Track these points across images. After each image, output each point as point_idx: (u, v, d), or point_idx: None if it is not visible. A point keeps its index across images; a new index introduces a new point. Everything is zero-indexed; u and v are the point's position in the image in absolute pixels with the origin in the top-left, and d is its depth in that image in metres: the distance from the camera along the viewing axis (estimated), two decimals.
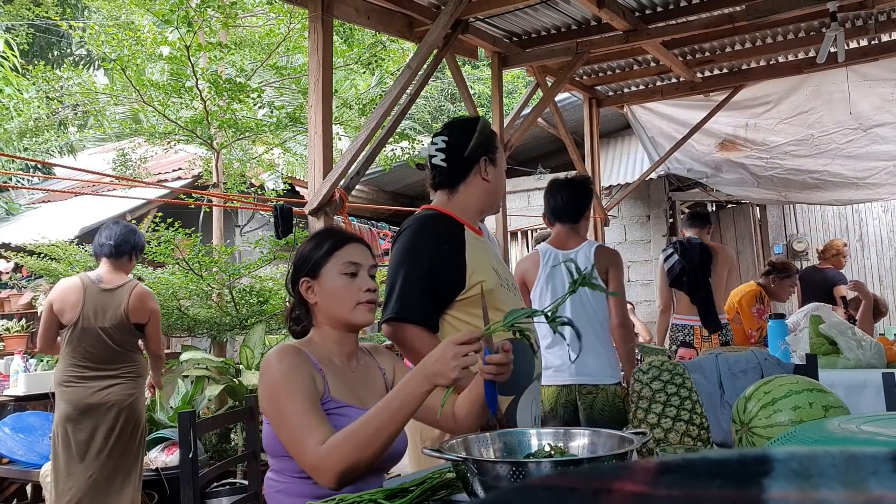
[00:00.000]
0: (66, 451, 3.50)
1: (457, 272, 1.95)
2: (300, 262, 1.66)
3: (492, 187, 2.10)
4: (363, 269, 1.64)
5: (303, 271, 1.64)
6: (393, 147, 7.04)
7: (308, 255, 1.65)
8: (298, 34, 6.58)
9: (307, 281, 1.63)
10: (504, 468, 1.13)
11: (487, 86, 10.36)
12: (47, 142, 9.01)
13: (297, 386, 1.46)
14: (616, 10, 4.28)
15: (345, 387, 1.58)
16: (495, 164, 2.10)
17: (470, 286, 1.95)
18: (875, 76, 5.43)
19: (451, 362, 1.32)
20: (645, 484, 0.34)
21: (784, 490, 0.32)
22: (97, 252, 3.73)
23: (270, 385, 1.49)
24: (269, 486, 1.56)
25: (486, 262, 2.01)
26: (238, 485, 4.07)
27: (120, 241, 3.68)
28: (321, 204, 3.50)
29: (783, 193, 6.83)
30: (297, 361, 1.51)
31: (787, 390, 1.40)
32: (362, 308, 1.61)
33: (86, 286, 3.60)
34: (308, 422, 1.42)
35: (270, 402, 1.48)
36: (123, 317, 3.58)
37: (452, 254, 1.97)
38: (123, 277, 3.68)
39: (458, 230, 2.02)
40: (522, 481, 0.90)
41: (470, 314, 1.96)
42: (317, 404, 1.47)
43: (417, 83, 3.89)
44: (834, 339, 3.33)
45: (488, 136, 2.10)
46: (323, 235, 1.70)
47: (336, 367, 1.61)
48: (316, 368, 1.54)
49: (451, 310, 1.97)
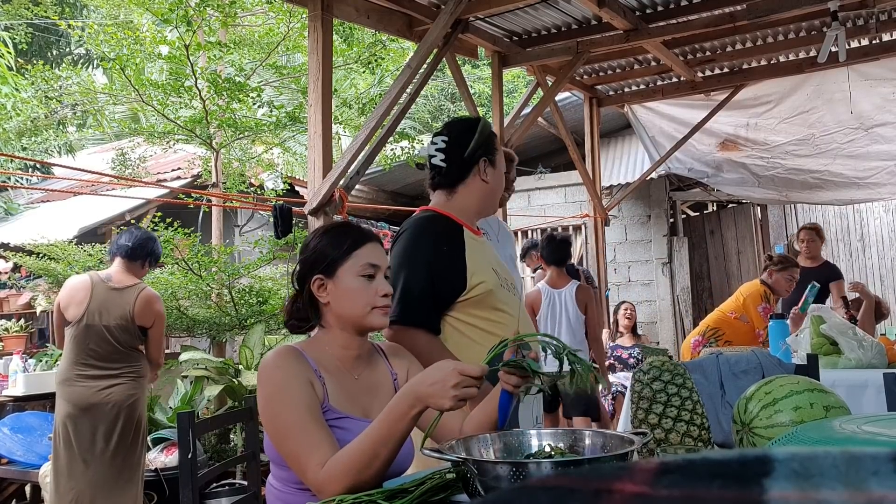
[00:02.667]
0: (67, 450, 3.50)
1: (457, 273, 1.95)
2: (314, 258, 1.55)
3: (490, 189, 2.09)
4: (380, 272, 1.56)
5: (317, 268, 1.54)
6: (393, 147, 7.05)
7: (324, 252, 1.54)
8: (298, 33, 6.58)
9: (321, 279, 1.53)
10: (504, 469, 1.13)
11: (487, 85, 10.36)
12: (46, 141, 9.01)
13: (296, 397, 1.40)
14: (616, 10, 4.28)
15: (346, 395, 1.50)
16: (495, 166, 2.09)
17: (471, 287, 1.94)
18: (876, 76, 5.44)
19: (451, 391, 1.26)
20: (645, 484, 0.34)
21: (785, 490, 0.31)
22: (113, 251, 3.76)
23: (268, 396, 1.42)
24: (270, 493, 1.52)
25: (486, 263, 2.01)
26: (237, 485, 4.07)
27: (137, 245, 3.71)
28: (321, 204, 3.50)
29: (784, 193, 6.83)
30: (294, 367, 1.44)
31: (788, 390, 1.40)
32: (378, 312, 1.53)
33: (94, 284, 3.61)
34: (308, 440, 1.36)
35: (269, 414, 1.42)
36: (129, 317, 3.59)
37: (452, 255, 1.96)
38: (133, 279, 3.69)
39: (458, 231, 2.02)
40: (523, 482, 0.90)
41: (471, 315, 1.96)
42: (317, 416, 1.40)
43: (417, 83, 3.88)
44: (835, 339, 3.32)
45: (488, 137, 2.09)
46: (341, 231, 1.59)
47: (338, 374, 1.53)
48: (315, 374, 1.47)
49: (452, 311, 1.96)
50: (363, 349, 1.59)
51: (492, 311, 1.96)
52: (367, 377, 1.58)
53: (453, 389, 1.26)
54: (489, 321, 1.95)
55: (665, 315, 7.77)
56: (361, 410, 1.50)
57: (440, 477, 1.34)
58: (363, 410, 1.51)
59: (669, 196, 7.98)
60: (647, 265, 7.88)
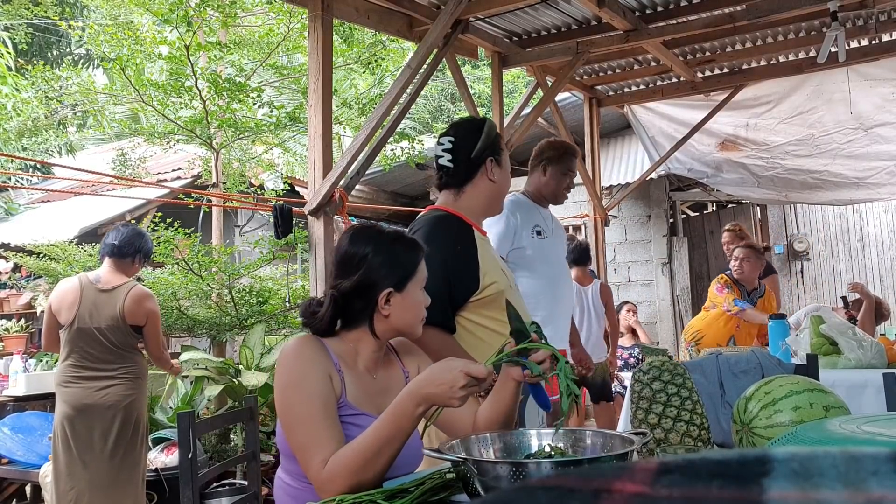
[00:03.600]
0: (66, 451, 3.50)
1: (470, 273, 1.96)
2: (390, 270, 1.50)
3: (497, 188, 2.11)
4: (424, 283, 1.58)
5: (391, 281, 1.50)
6: (393, 147, 7.04)
7: (397, 265, 1.51)
8: (298, 34, 6.58)
9: (392, 293, 1.50)
10: (504, 469, 1.13)
11: (487, 86, 10.35)
12: (46, 141, 9.01)
13: (312, 388, 1.39)
14: (616, 10, 4.27)
15: (363, 393, 1.50)
16: (501, 166, 2.11)
17: (483, 287, 1.95)
18: (876, 76, 5.43)
19: (458, 392, 1.27)
20: (645, 484, 0.34)
21: (784, 490, 0.31)
22: (102, 251, 3.73)
23: (285, 385, 1.41)
24: (279, 487, 1.51)
25: (496, 263, 2.03)
26: (238, 485, 4.07)
27: (124, 243, 3.67)
28: (321, 204, 3.50)
29: (784, 193, 6.82)
30: (314, 357, 1.43)
31: (788, 390, 1.40)
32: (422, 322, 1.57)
33: (83, 286, 3.59)
34: (317, 434, 1.35)
35: (284, 403, 1.41)
36: (119, 318, 3.55)
37: (466, 255, 1.97)
38: (123, 278, 3.65)
39: (469, 231, 2.03)
40: (522, 482, 0.90)
41: (483, 315, 1.96)
42: (330, 410, 1.39)
43: (417, 83, 3.88)
44: (835, 339, 3.32)
45: (495, 138, 2.10)
46: (408, 245, 1.56)
47: (357, 371, 1.52)
48: (335, 368, 1.45)
49: (463, 311, 1.97)
50: (383, 350, 1.59)
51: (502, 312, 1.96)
52: (384, 377, 1.58)
53: (462, 390, 1.27)
54: (499, 321, 1.95)
55: (665, 315, 7.77)
56: (377, 409, 1.49)
57: (440, 477, 1.34)
58: (378, 409, 1.50)
59: (669, 196, 7.98)
60: (646, 265, 7.88)
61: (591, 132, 6.30)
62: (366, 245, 1.53)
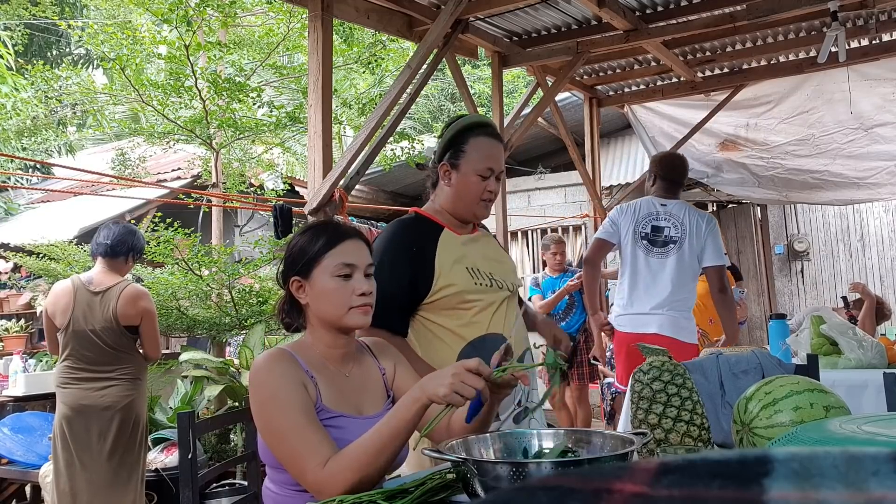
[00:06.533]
0: (65, 451, 3.50)
1: (424, 276, 1.93)
2: (291, 259, 1.56)
3: (455, 193, 2.01)
4: (358, 271, 1.53)
5: (294, 269, 1.54)
6: (393, 147, 7.05)
7: (300, 252, 1.54)
8: (298, 33, 6.58)
9: (298, 280, 1.54)
10: (504, 469, 1.13)
11: (487, 85, 10.36)
12: (46, 141, 9.01)
13: (290, 400, 1.39)
14: (616, 10, 4.27)
15: (338, 393, 1.50)
16: (458, 169, 1.99)
17: (436, 290, 1.93)
18: (876, 76, 5.43)
19: (448, 378, 1.29)
20: (645, 484, 0.34)
21: (785, 490, 0.31)
22: (93, 251, 3.68)
23: (262, 401, 1.42)
24: (268, 497, 1.52)
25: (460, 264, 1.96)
26: (237, 485, 4.07)
27: (116, 242, 3.63)
28: (321, 204, 3.50)
29: (784, 193, 6.82)
30: (286, 370, 1.43)
31: (788, 391, 1.40)
32: (356, 311, 1.51)
33: (76, 289, 3.56)
34: (305, 441, 1.36)
35: (263, 417, 1.41)
36: (112, 319, 3.52)
37: (420, 258, 1.94)
38: (116, 278, 3.61)
39: (433, 233, 1.99)
40: (523, 482, 0.90)
41: (441, 315, 1.95)
42: (312, 417, 1.40)
43: (417, 83, 3.88)
44: (835, 339, 3.32)
45: (452, 139, 2.01)
46: (317, 230, 1.57)
47: (329, 373, 1.52)
48: (307, 375, 1.46)
49: (422, 311, 1.97)
50: (350, 347, 1.59)
51: (462, 314, 1.94)
52: (357, 374, 1.59)
53: (451, 378, 1.29)
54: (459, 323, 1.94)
55: None
56: (354, 408, 1.51)
57: (440, 477, 1.34)
58: (356, 408, 1.52)
59: None
60: None
61: (591, 132, 6.30)
62: (288, 241, 1.63)
